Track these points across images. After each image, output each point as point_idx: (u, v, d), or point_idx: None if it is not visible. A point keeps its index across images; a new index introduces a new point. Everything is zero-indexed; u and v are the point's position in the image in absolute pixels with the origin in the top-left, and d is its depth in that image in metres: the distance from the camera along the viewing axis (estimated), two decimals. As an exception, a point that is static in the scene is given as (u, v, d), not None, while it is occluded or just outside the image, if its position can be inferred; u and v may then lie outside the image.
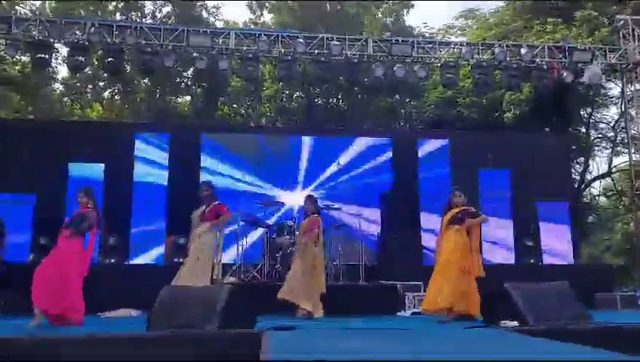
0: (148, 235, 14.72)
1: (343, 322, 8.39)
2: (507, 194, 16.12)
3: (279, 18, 27.56)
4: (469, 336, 4.97)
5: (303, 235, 9.56)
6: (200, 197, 9.23)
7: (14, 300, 8.45)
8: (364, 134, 17.70)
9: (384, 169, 16.05)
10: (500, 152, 16.45)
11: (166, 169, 15.22)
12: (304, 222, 9.68)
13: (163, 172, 15.20)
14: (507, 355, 3.51)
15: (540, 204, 16.08)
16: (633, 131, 16.86)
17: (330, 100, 27.51)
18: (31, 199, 14.31)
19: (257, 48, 14.80)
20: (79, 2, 24.88)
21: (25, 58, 20.64)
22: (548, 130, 22.69)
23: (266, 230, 12.33)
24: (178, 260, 11.88)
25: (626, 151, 19.99)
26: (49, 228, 10.95)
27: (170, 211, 14.79)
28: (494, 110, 22.86)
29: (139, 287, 9.55)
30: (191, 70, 24.96)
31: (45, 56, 14.67)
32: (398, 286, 11.76)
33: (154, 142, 15.49)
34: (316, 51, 15.14)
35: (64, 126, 18.62)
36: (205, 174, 15.15)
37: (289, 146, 16.12)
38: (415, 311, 10.86)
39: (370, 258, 13.68)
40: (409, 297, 11.59)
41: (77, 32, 14.29)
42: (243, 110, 28.16)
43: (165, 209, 14.91)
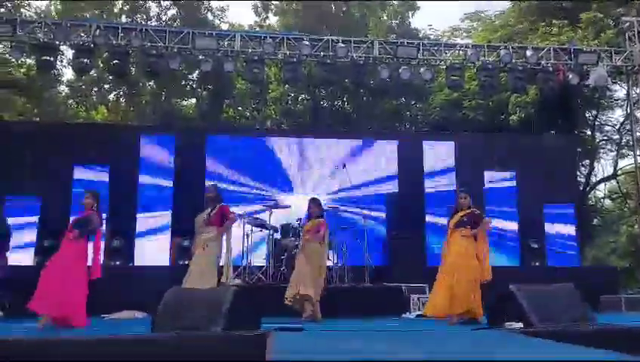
0: (152, 237, 14.73)
1: (348, 323, 8.39)
2: (513, 196, 16.11)
3: (284, 20, 27.58)
4: (475, 337, 4.96)
5: (307, 233, 9.50)
6: (205, 199, 9.22)
7: (19, 302, 8.44)
8: (369, 136, 17.70)
9: (389, 171, 16.04)
10: (506, 155, 16.46)
11: (171, 171, 15.22)
12: (308, 224, 9.64)
13: (168, 174, 15.20)
14: (512, 356, 3.50)
15: (546, 206, 16.07)
16: (639, 133, 16.84)
17: (335, 103, 27.54)
18: (36, 201, 14.32)
19: (263, 50, 14.80)
20: (84, 5, 24.90)
21: (30, 60, 20.68)
22: (554, 133, 22.66)
23: (271, 232, 12.32)
24: (183, 262, 11.90)
25: (632, 153, 19.97)
26: (54, 230, 10.98)
27: (175, 213, 14.81)
28: (500, 112, 22.87)
29: (143, 289, 9.57)
30: (196, 73, 25.03)
31: (50, 58, 14.68)
32: (403, 287, 11.78)
33: (159, 144, 15.50)
34: (322, 53, 15.12)
35: (69, 128, 18.65)
36: (210, 176, 15.16)
37: (294, 148, 16.11)
38: (420, 313, 10.86)
39: (375, 259, 13.66)
40: (414, 299, 11.59)
41: (82, 35, 14.30)
42: (248, 112, 28.17)
43: (170, 211, 14.93)
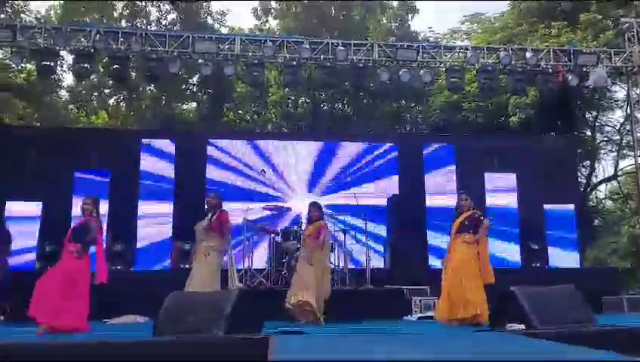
0: (153, 241, 14.74)
1: (350, 326, 8.39)
2: (513, 198, 16.12)
3: (284, 24, 27.55)
4: (477, 339, 4.97)
5: (308, 238, 9.48)
6: (206, 205, 9.21)
7: (19, 307, 8.44)
8: (370, 139, 17.73)
9: (390, 173, 16.07)
10: (506, 156, 16.48)
11: (172, 175, 15.25)
12: (309, 228, 9.62)
13: (169, 178, 15.23)
14: (513, 357, 3.50)
15: (547, 208, 16.08)
16: (639, 134, 16.82)
17: (335, 105, 27.55)
18: (37, 206, 14.33)
19: (262, 54, 14.78)
20: (84, 10, 24.89)
21: (30, 66, 20.69)
22: (554, 134, 22.66)
23: (273, 235, 12.33)
24: (184, 266, 11.90)
25: (632, 154, 19.94)
26: (55, 235, 10.97)
27: (176, 217, 14.82)
28: (500, 114, 22.85)
29: (145, 294, 9.55)
30: (196, 76, 25.03)
31: (50, 63, 14.65)
32: (405, 290, 11.77)
33: (160, 148, 15.53)
34: (322, 56, 15.10)
35: (70, 133, 18.64)
36: (211, 180, 15.18)
37: (295, 152, 16.13)
38: (422, 316, 10.86)
39: (376, 262, 13.66)
40: (415, 301, 11.58)
41: (82, 39, 14.29)
42: (249, 116, 28.15)
43: (171, 215, 14.94)
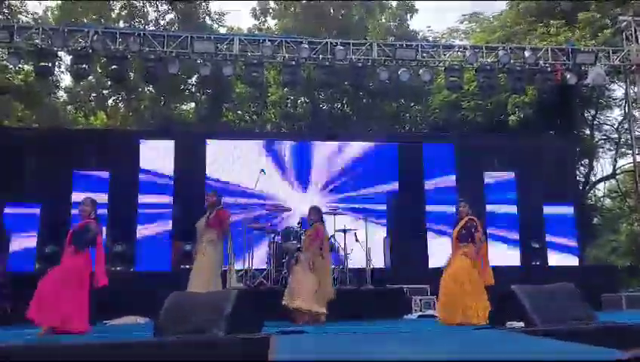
0: (153, 242, 14.73)
1: (351, 325, 8.39)
2: (512, 196, 16.13)
3: (283, 24, 27.53)
4: (477, 337, 4.97)
5: (308, 238, 9.51)
6: (206, 204, 9.26)
7: (19, 308, 8.43)
8: (369, 139, 17.72)
9: (390, 173, 16.04)
10: (506, 155, 16.51)
11: (171, 175, 15.23)
12: (308, 232, 9.65)
13: (168, 178, 15.21)
14: (513, 356, 3.51)
15: (546, 206, 16.08)
16: (637, 132, 16.87)
17: (335, 105, 27.55)
18: (36, 207, 14.31)
19: (261, 54, 14.79)
20: (82, 10, 24.85)
21: (28, 67, 20.68)
22: (552, 133, 22.68)
23: (273, 235, 12.32)
24: (184, 266, 11.90)
25: (630, 152, 19.97)
26: (54, 236, 10.98)
27: (175, 217, 14.81)
28: (499, 113, 22.85)
29: (145, 294, 9.55)
30: (195, 77, 25.04)
31: (48, 64, 14.64)
32: (405, 289, 11.79)
33: (159, 148, 15.51)
34: (321, 56, 15.11)
35: (68, 134, 18.65)
36: (210, 180, 15.17)
37: (294, 152, 16.12)
38: (422, 314, 10.89)
39: (376, 261, 13.65)
40: (416, 300, 11.62)
41: (80, 40, 14.28)
42: (248, 116, 28.13)
43: (171, 215, 14.93)
